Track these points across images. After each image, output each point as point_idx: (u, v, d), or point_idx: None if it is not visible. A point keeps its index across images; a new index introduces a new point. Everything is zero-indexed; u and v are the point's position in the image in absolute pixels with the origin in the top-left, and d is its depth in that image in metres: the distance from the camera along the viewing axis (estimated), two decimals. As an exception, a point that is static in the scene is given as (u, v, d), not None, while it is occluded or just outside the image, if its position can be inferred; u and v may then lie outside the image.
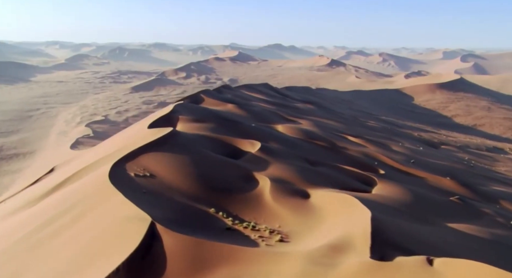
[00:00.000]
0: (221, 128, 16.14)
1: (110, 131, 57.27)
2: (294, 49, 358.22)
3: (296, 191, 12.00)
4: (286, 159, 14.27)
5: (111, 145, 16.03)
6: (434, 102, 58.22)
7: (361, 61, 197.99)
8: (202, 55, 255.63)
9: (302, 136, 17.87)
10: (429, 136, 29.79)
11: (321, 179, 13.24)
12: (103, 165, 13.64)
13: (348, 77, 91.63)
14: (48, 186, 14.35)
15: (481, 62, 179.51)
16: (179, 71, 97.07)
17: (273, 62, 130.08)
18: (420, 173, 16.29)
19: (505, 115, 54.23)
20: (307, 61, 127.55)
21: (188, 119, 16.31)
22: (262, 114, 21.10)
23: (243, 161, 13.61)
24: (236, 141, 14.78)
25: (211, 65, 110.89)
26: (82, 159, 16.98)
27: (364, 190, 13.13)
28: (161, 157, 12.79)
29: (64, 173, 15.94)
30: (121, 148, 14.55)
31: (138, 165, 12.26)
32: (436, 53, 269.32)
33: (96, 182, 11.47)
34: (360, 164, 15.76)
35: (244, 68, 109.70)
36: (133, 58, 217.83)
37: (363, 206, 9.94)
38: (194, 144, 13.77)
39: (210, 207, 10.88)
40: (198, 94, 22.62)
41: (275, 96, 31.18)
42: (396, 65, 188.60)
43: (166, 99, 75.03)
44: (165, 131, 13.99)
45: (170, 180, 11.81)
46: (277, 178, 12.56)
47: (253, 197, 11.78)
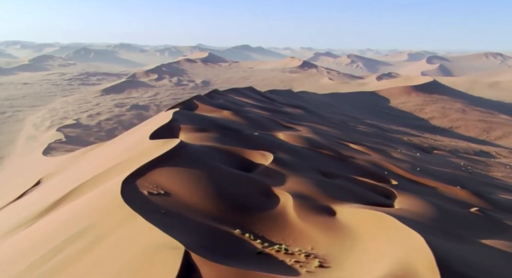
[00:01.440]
0: (226, 138, 15.30)
1: (83, 136, 55.47)
2: (261, 50, 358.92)
3: (321, 207, 11.29)
4: (300, 171, 13.55)
5: (108, 157, 14.96)
6: (410, 104, 58.67)
7: (329, 62, 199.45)
8: (170, 56, 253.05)
9: (306, 144, 17.21)
10: (418, 141, 29.64)
11: (341, 193, 12.57)
12: (107, 181, 12.63)
13: (321, 79, 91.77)
14: (45, 203, 13.21)
15: (446, 64, 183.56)
16: (150, 73, 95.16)
17: (244, 63, 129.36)
18: (431, 183, 15.85)
19: (479, 117, 55.09)
20: (278, 62, 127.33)
21: (190, 129, 15.40)
22: (259, 121, 20.34)
23: (258, 175, 12.82)
24: (246, 152, 13.97)
25: (183, 66, 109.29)
26: (75, 171, 15.83)
27: (386, 204, 12.53)
28: (173, 172, 11.86)
29: (58, 188, 14.78)
30: (123, 161, 13.54)
31: (150, 182, 11.31)
32: (401, 55, 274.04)
33: (107, 201, 10.45)
34: (371, 175, 15.19)
35: (216, 70, 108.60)
36: (100, 59, 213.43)
37: (406, 226, 9.32)
38: (205, 157, 12.89)
39: (234, 228, 10.06)
40: (191, 100, 21.66)
41: (263, 101, 30.46)
42: (364, 66, 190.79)
43: (138, 101, 73.46)
44: (172, 143, 13.06)
45: (187, 198, 10.92)
46: (298, 193, 11.81)
47: (276, 215, 11.01)
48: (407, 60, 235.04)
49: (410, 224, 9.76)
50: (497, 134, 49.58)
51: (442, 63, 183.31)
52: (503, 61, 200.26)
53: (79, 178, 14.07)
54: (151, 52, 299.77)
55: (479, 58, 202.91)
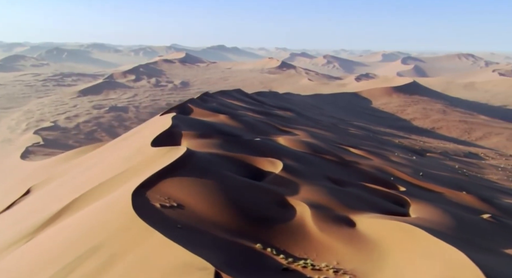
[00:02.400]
0: (229, 144, 14.77)
1: (61, 139, 54.08)
2: (237, 50, 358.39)
3: (339, 218, 10.88)
4: (311, 179, 13.12)
5: (108, 164, 14.26)
6: (391, 105, 58.99)
7: (306, 63, 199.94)
8: (145, 56, 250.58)
9: (308, 150, 16.80)
10: (408, 143, 29.59)
11: (355, 201, 12.19)
12: (112, 192, 11.96)
13: (300, 80, 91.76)
14: (42, 215, 12.44)
15: (421, 65, 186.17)
16: (127, 74, 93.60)
17: (221, 64, 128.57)
18: (436, 188, 15.61)
19: (460, 117, 55.71)
20: (256, 63, 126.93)
21: (191, 135, 14.82)
22: (256, 125, 19.85)
23: (270, 184, 12.33)
24: (253, 159, 13.47)
25: (160, 67, 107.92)
26: (70, 180, 15.06)
27: (401, 213, 12.19)
28: (184, 182, 11.27)
29: (55, 198, 14.01)
30: (127, 170, 12.88)
31: (161, 194, 10.70)
32: (375, 55, 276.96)
33: (118, 215, 9.81)
34: (378, 180, 14.87)
35: (194, 71, 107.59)
36: (73, 59, 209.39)
37: (437, 239, 8.98)
38: (213, 166, 12.34)
39: (254, 242, 9.56)
40: (185, 104, 21.01)
41: (253, 103, 29.96)
42: (340, 67, 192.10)
43: (117, 103, 72.18)
44: (179, 151, 12.47)
45: (201, 211, 10.36)
46: (313, 203, 11.37)
47: (295, 227, 10.56)
48: (382, 61, 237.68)
49: (438, 235, 9.43)
50: (477, 134, 50.17)
51: (417, 64, 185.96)
52: (475, 62, 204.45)
53: (78, 187, 13.35)
54: (126, 52, 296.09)
55: (452, 59, 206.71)
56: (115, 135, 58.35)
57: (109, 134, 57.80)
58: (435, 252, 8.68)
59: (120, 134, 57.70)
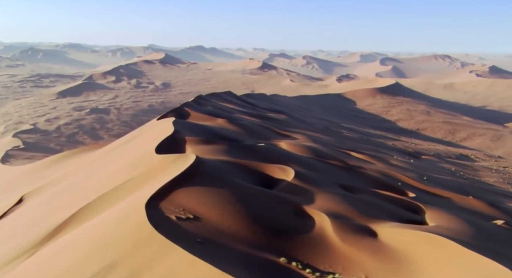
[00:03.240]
0: (234, 150, 14.31)
1: (42, 142, 52.80)
2: (215, 51, 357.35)
3: (360, 227, 10.54)
4: (323, 186, 12.75)
5: (109, 172, 13.66)
6: (376, 106, 59.20)
7: (285, 64, 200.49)
8: (122, 57, 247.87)
9: (312, 154, 16.45)
10: (401, 145, 29.55)
11: (371, 209, 11.87)
12: (120, 202, 11.38)
13: (282, 81, 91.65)
14: (44, 227, 11.79)
15: (399, 66, 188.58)
16: (107, 75, 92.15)
17: (202, 65, 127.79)
18: (443, 192, 15.42)
19: (443, 118, 56.21)
20: (237, 64, 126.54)
21: (195, 141, 14.31)
22: (255, 129, 19.43)
23: (283, 192, 11.93)
24: (263, 166, 13.04)
25: (141, 68, 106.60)
26: (68, 188, 14.39)
27: (418, 221, 11.92)
28: (197, 192, 10.78)
29: (54, 209, 13.35)
30: (132, 179, 12.32)
31: (175, 205, 10.19)
32: (353, 56, 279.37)
33: (132, 228, 9.26)
34: (386, 186, 14.59)
35: (175, 72, 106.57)
36: (49, 59, 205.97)
37: (468, 250, 8.70)
38: (225, 174, 11.88)
39: (278, 256, 9.15)
40: (181, 108, 20.45)
41: (245, 106, 29.52)
42: (320, 67, 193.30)
43: (97, 105, 70.96)
44: (188, 159, 11.98)
45: (219, 223, 9.89)
46: (331, 212, 11.01)
47: (316, 238, 10.17)
48: (360, 61, 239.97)
49: (467, 246, 9.17)
50: (461, 135, 50.62)
51: (395, 65, 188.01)
52: (451, 63, 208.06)
53: (81, 197, 12.74)
54: (103, 52, 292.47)
55: (429, 60, 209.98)
56: (97, 138, 57.26)
57: (91, 137, 56.68)
58: (471, 264, 8.40)
59: (102, 136, 56.66)
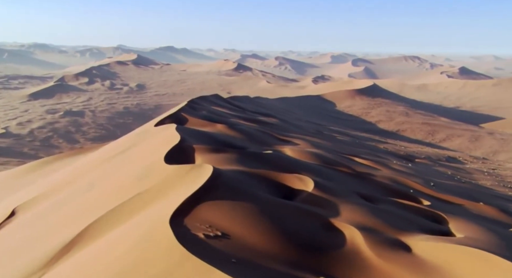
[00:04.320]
0: (244, 158, 13.72)
1: (15, 146, 50.99)
2: (186, 51, 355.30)
3: (393, 241, 10.11)
4: (343, 197, 12.29)
5: (115, 185, 12.87)
6: (355, 108, 59.39)
7: (258, 64, 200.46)
8: (92, 58, 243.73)
9: (319, 161, 15.98)
10: (392, 148, 29.44)
11: (397, 221, 11.46)
12: (134, 217, 10.64)
13: (259, 82, 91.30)
14: (49, 246, 10.95)
15: (371, 67, 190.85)
16: (80, 76, 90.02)
17: (176, 66, 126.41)
18: (454, 199, 15.16)
19: (422, 120, 56.79)
20: (212, 65, 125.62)
21: (203, 149, 13.66)
22: (255, 135, 18.86)
23: (304, 203, 11.41)
24: (279, 176, 12.50)
25: (114, 69, 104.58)
26: (69, 200, 13.52)
27: (445, 232, 11.58)
28: (220, 207, 10.15)
29: (57, 224, 12.48)
30: (145, 192, 11.58)
31: (200, 221, 9.54)
32: (324, 57, 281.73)
33: (161, 249, 8.57)
34: (400, 194, 14.24)
35: (149, 73, 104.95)
36: (15, 60, 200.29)
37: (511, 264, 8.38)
38: (244, 185, 11.29)
39: (316, 274, 8.62)
40: (179, 113, 19.70)
41: (235, 109, 28.88)
42: (292, 68, 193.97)
43: (71, 107, 69.22)
44: (204, 170, 11.34)
45: (249, 240, 9.30)
46: (360, 224, 10.54)
47: (350, 253, 9.69)
48: (331, 62, 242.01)
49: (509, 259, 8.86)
50: (441, 136, 51.19)
51: (367, 66, 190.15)
52: (420, 64, 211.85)
53: (86, 211, 11.92)
54: (71, 53, 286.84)
55: (399, 61, 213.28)
56: (73, 142, 55.69)
57: (67, 141, 55.15)
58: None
59: (78, 140, 55.10)
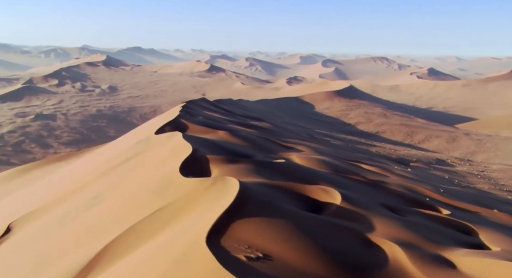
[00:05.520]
0: (260, 169, 13.10)
1: (-15, 152, 48.96)
2: (154, 52, 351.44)
3: (435, 257, 9.66)
4: (369, 208, 11.80)
5: (126, 198, 12.04)
6: (334, 109, 59.45)
7: (228, 65, 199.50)
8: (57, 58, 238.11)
9: (330, 169, 15.50)
10: (382, 151, 29.27)
11: (431, 234, 11.04)
12: (156, 237, 9.85)
13: (233, 84, 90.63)
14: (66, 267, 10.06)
15: (341, 67, 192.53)
16: (49, 78, 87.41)
17: (147, 67, 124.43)
18: (469, 207, 14.92)
19: (400, 121, 57.26)
20: (184, 66, 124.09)
21: (218, 160, 12.96)
22: (258, 142, 18.24)
23: (336, 218, 10.86)
24: (303, 188, 11.93)
25: (84, 70, 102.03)
26: (74, 216, 12.60)
27: (478, 245, 11.23)
28: (255, 225, 9.47)
29: (65, 243, 11.55)
30: (165, 208, 10.80)
31: (238, 242, 8.85)
32: (293, 58, 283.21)
33: (201, 274, 7.87)
34: (420, 203, 13.89)
35: (120, 74, 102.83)
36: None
37: None
38: (273, 200, 10.67)
39: (367, 297, 8.09)
40: (178, 119, 18.85)
41: (225, 113, 28.14)
42: (263, 69, 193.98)
43: (42, 110, 67.06)
44: (228, 183, 10.68)
45: (292, 261, 8.66)
46: (397, 240, 10.05)
47: (395, 272, 9.15)
48: (301, 63, 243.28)
49: None
50: (419, 137, 51.69)
51: (337, 67, 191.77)
52: (388, 64, 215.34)
53: (98, 229, 11.08)
54: (35, 53, 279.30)
55: (367, 62, 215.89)
56: (46, 146, 53.85)
57: (40, 145, 53.31)
58: None
59: (51, 144, 53.27)
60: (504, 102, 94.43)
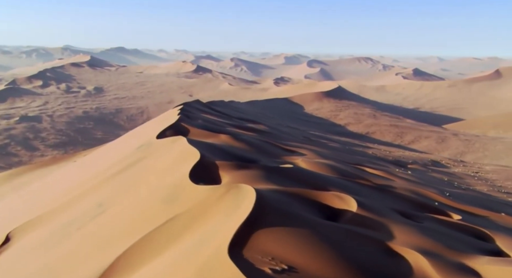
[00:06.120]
0: (269, 174, 12.81)
1: (-30, 155, 47.95)
2: (137, 52, 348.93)
3: (459, 266, 9.46)
4: (386, 215, 11.58)
5: (134, 207, 11.65)
6: (324, 110, 59.40)
7: (213, 66, 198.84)
8: (39, 59, 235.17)
9: (337, 174, 15.27)
10: (378, 153, 29.19)
11: (450, 241, 10.85)
12: (172, 247, 9.50)
13: (220, 85, 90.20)
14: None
15: (326, 68, 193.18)
16: (33, 79, 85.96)
17: (132, 68, 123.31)
18: (478, 211, 14.80)
19: (389, 122, 57.42)
20: (170, 66, 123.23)
21: (226, 165, 12.63)
22: (261, 146, 17.94)
23: (353, 225, 10.61)
24: (317, 195, 11.66)
25: (69, 71, 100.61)
26: (75, 225, 12.18)
27: (496, 252, 11.07)
28: (276, 235, 9.17)
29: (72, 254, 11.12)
30: (178, 217, 10.44)
31: (261, 253, 8.55)
32: (278, 58, 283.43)
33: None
34: (430, 208, 13.73)
35: (106, 75, 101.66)
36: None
37: None
38: (290, 208, 10.38)
39: (397, 310, 7.86)
40: (179, 123, 18.44)
41: (221, 116, 27.77)
42: (248, 70, 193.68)
43: (27, 112, 65.94)
44: (246, 192, 10.37)
45: (317, 273, 8.37)
46: (419, 248, 9.83)
47: (422, 283, 8.97)
48: (285, 63, 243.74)
49: None
50: (409, 138, 51.87)
51: (322, 67, 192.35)
52: (373, 65, 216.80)
53: (106, 239, 10.67)
54: (16, 53, 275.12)
55: (352, 62, 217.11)
56: (32, 149, 52.93)
57: (26, 148, 52.38)
58: None
59: (38, 147, 52.32)
60: (488, 103, 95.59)
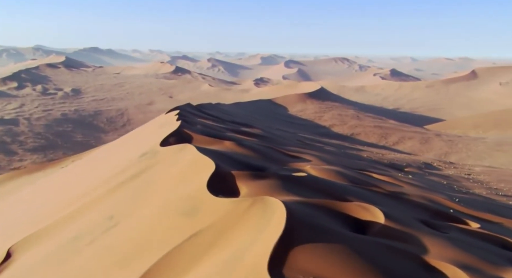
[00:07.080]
0: (286, 184, 12.39)
1: None
2: (111, 52, 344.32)
3: (498, 280, 9.21)
4: (413, 227, 11.25)
5: (145, 221, 11.08)
6: (308, 112, 59.26)
7: (190, 66, 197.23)
8: (10, 59, 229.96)
9: (348, 181, 14.94)
10: (373, 156, 29.03)
11: (481, 252, 10.56)
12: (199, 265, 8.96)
13: (200, 86, 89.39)
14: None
15: (303, 68, 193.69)
16: (8, 81, 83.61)
17: (109, 69, 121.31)
18: (491, 217, 14.65)
19: (373, 123, 57.63)
20: (147, 67, 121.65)
21: (244, 176, 12.16)
22: (266, 152, 17.49)
23: (384, 238, 10.25)
24: (342, 206, 11.27)
25: (44, 72, 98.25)
26: (87, 239, 11.52)
27: (527, 260, 10.86)
28: (311, 251, 8.72)
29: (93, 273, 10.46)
30: (200, 233, 9.91)
31: (301, 272, 8.07)
32: (254, 58, 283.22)
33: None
34: (448, 216, 13.49)
35: (83, 76, 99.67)
36: None
37: None
38: (319, 221, 9.97)
39: None
40: (181, 130, 17.81)
41: (216, 120, 27.19)
42: (226, 70, 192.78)
43: (3, 115, 64.15)
44: (273, 205, 9.92)
45: (359, 291, 8.01)
46: (456, 262, 9.51)
47: (464, 299, 8.65)
48: (262, 64, 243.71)
49: None
50: (393, 139, 52.11)
51: (300, 68, 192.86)
52: (349, 65, 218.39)
53: (123, 254, 10.09)
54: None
55: (329, 63, 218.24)
56: (10, 153, 51.48)
57: (4, 152, 50.88)
58: None
59: (16, 151, 50.77)
60: (465, 103, 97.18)
